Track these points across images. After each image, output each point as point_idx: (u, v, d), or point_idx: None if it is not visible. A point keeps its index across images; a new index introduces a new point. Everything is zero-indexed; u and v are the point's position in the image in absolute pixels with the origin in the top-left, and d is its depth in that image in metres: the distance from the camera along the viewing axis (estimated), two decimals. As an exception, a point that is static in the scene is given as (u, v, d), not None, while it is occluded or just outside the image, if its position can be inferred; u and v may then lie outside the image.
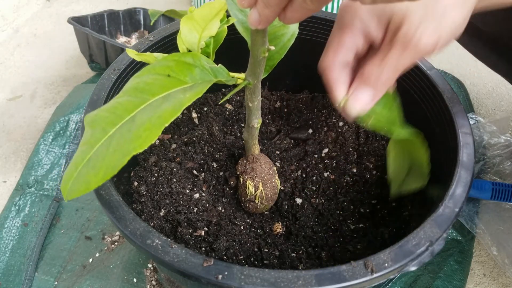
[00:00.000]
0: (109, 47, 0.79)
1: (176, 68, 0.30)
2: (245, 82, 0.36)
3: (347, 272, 0.30)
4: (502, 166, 0.65)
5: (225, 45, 0.41)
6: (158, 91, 0.28)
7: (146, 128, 0.25)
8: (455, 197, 0.36)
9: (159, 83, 0.28)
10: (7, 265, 0.59)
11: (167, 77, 0.29)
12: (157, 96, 0.28)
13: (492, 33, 0.52)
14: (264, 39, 0.31)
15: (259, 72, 0.34)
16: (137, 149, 0.25)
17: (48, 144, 0.72)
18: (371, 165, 0.54)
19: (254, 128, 0.42)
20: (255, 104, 0.38)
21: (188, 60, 0.31)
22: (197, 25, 0.34)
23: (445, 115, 0.44)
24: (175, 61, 0.30)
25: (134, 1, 1.17)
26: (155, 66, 0.30)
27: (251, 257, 0.43)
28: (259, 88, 0.37)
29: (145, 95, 0.27)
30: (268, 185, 0.46)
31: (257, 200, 0.46)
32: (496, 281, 0.57)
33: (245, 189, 0.46)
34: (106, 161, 0.25)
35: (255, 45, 0.31)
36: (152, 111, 0.26)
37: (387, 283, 0.54)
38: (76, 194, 0.26)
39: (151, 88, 0.28)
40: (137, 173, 0.50)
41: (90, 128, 0.27)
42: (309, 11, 0.25)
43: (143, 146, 0.25)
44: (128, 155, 0.25)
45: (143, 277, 0.55)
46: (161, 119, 0.26)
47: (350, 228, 0.47)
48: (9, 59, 0.97)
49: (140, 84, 0.28)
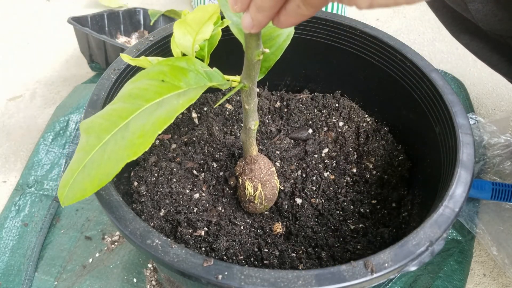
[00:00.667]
0: (109, 47, 0.79)
1: (170, 73, 0.30)
2: (240, 85, 0.35)
3: (347, 272, 0.30)
4: (502, 166, 0.65)
5: (220, 47, 0.41)
6: (152, 97, 0.28)
7: (139, 135, 0.25)
8: (455, 197, 0.36)
9: (153, 89, 0.28)
10: (7, 265, 0.59)
11: (161, 82, 0.29)
12: (151, 102, 0.27)
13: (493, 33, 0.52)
14: (258, 42, 0.31)
15: (254, 75, 0.34)
16: (130, 157, 0.25)
17: (48, 144, 0.72)
18: (371, 165, 0.54)
19: (251, 130, 0.41)
20: (251, 106, 0.38)
21: (182, 65, 0.31)
22: (190, 29, 0.34)
23: (445, 115, 0.44)
24: (169, 66, 0.30)
25: (134, 1, 1.17)
26: (149, 72, 0.30)
27: (251, 257, 0.43)
28: (255, 90, 0.37)
29: (139, 101, 0.28)
30: (267, 186, 0.46)
31: (256, 201, 0.46)
32: (496, 281, 0.57)
33: (244, 190, 0.46)
34: (101, 168, 0.26)
35: (249, 48, 0.31)
36: (145, 117, 0.26)
37: (387, 283, 0.54)
38: (73, 200, 0.27)
39: (145, 94, 0.28)
40: (137, 173, 0.50)
41: (85, 135, 0.28)
42: (303, 16, 0.25)
43: (137, 154, 0.25)
44: (122, 162, 0.25)
45: (143, 277, 0.55)
46: (154, 127, 0.26)
47: (350, 228, 0.47)
48: (9, 59, 0.97)
49: (134, 90, 0.28)
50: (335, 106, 0.60)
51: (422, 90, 0.48)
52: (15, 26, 1.07)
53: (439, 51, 0.94)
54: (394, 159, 0.54)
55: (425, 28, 1.01)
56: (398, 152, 0.54)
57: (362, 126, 0.58)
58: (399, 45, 0.50)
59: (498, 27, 0.49)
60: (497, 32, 0.50)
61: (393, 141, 0.56)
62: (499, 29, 0.49)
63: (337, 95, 0.61)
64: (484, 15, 0.48)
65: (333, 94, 0.61)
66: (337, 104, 0.60)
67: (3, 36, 1.03)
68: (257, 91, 0.40)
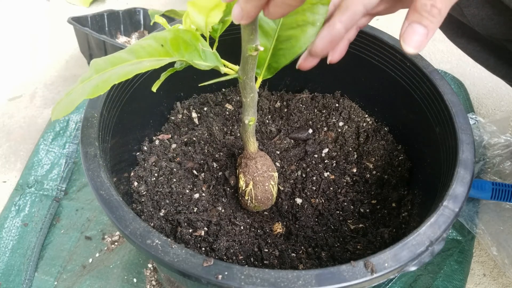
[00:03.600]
0: (109, 47, 0.79)
1: (170, 41, 0.32)
2: (235, 75, 0.35)
3: (347, 272, 0.30)
4: (502, 166, 0.65)
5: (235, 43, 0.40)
6: (143, 56, 0.31)
7: (104, 80, 0.30)
8: (455, 197, 0.36)
9: (149, 50, 0.32)
10: (7, 265, 0.59)
11: (160, 46, 0.32)
12: (139, 60, 0.31)
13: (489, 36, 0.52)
14: (251, 37, 0.30)
15: (248, 69, 0.34)
16: (90, 95, 0.30)
17: (48, 144, 0.72)
18: (371, 165, 0.54)
19: (246, 124, 0.41)
20: (247, 100, 0.38)
21: (185, 37, 0.33)
22: (201, 11, 0.34)
23: (445, 115, 0.44)
24: (173, 35, 0.32)
25: (134, 1, 1.17)
26: (157, 35, 0.32)
27: (251, 257, 0.43)
28: (251, 85, 0.36)
29: (133, 56, 0.31)
30: (259, 187, 0.45)
31: (246, 197, 0.46)
32: (496, 281, 0.57)
33: (238, 182, 0.46)
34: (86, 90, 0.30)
35: (243, 40, 0.31)
36: (121, 69, 0.30)
37: (387, 283, 0.54)
38: (63, 114, 0.31)
39: (140, 51, 0.31)
40: (137, 173, 0.50)
41: (89, 69, 0.32)
42: (290, 6, 0.26)
43: (98, 93, 0.30)
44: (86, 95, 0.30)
45: (143, 277, 0.55)
46: (112, 78, 0.30)
47: (350, 228, 0.47)
48: (9, 59, 0.97)
49: (136, 46, 0.32)
50: (335, 106, 0.60)
51: (422, 90, 0.48)
52: (15, 26, 1.07)
53: (439, 51, 0.94)
54: (394, 159, 0.54)
55: (425, 28, 1.01)
56: (398, 152, 0.54)
57: (362, 126, 0.58)
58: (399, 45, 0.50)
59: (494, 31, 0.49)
60: (494, 35, 0.50)
61: (393, 141, 0.56)
62: (496, 32, 0.49)
63: (337, 95, 0.61)
64: (480, 20, 0.48)
65: (333, 94, 0.61)
66: (337, 104, 0.60)
67: (3, 36, 1.03)
68: (257, 91, 0.39)
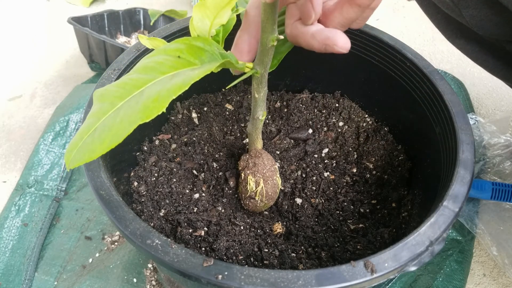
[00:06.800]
0: (109, 47, 0.79)
1: (186, 51, 0.31)
2: (253, 71, 0.36)
3: (347, 272, 0.30)
4: (502, 166, 0.65)
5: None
6: (167, 70, 0.29)
7: (154, 99, 0.26)
8: (455, 197, 0.36)
9: (169, 63, 0.29)
10: (7, 265, 0.59)
11: (177, 58, 0.30)
12: (166, 74, 0.28)
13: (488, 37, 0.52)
14: (274, 27, 0.31)
15: (267, 61, 0.35)
16: (143, 119, 0.25)
17: (48, 144, 0.72)
18: (371, 165, 0.54)
19: (259, 120, 0.42)
20: (261, 95, 0.39)
21: (199, 44, 0.32)
22: (209, 13, 0.34)
23: (445, 115, 0.44)
24: (186, 44, 0.31)
25: (134, 1, 1.17)
26: (166, 48, 0.31)
27: (251, 257, 0.43)
28: (266, 78, 0.37)
29: (155, 73, 0.28)
30: (269, 182, 0.46)
31: (257, 197, 0.46)
32: (496, 281, 0.57)
33: (246, 185, 0.46)
34: (113, 130, 0.25)
35: (264, 32, 0.32)
36: (161, 85, 0.27)
37: (387, 283, 0.54)
38: (80, 163, 0.26)
39: (160, 67, 0.29)
40: (137, 173, 0.50)
41: (98, 102, 0.28)
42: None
43: (151, 116, 0.25)
44: (135, 124, 0.25)
45: (143, 277, 0.55)
46: (169, 92, 0.26)
47: (350, 228, 0.47)
48: (9, 59, 0.97)
49: (151, 64, 0.29)
50: (335, 106, 0.60)
51: (422, 90, 0.48)
52: (15, 26, 1.07)
53: (439, 51, 0.94)
54: (394, 159, 0.54)
55: (425, 28, 1.01)
56: (398, 152, 0.54)
57: (362, 126, 0.58)
58: (399, 45, 0.50)
59: (493, 32, 0.49)
60: (492, 36, 0.50)
61: (393, 141, 0.56)
62: (494, 33, 0.49)
63: (337, 95, 0.61)
64: (479, 21, 0.48)
65: (333, 94, 0.61)
66: (337, 104, 0.60)
67: (3, 36, 1.03)
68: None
